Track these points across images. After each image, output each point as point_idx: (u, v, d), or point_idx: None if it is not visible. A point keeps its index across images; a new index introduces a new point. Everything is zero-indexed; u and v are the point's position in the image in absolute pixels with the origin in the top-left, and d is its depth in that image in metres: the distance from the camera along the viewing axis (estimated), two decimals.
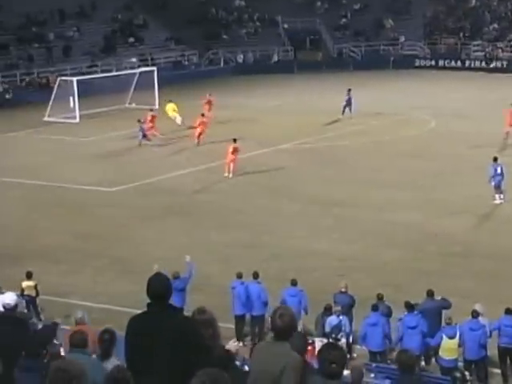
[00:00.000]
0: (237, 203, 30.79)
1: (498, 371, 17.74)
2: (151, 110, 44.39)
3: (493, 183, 29.71)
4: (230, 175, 34.23)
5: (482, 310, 17.71)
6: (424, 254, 24.88)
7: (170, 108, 45.02)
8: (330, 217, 28.63)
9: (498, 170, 29.69)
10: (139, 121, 40.63)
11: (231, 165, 34.33)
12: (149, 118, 42.40)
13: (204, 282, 21.24)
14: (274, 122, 44.05)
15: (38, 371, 7.55)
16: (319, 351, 6.70)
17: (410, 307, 17.89)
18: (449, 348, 17.22)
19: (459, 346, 17.24)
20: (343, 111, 45.71)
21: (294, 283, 19.22)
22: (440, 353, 17.32)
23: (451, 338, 17.06)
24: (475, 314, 17.40)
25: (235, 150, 34.38)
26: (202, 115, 41.21)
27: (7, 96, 55.20)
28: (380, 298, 18.63)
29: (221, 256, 24.42)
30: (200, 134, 40.04)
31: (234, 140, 35.17)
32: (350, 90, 46.32)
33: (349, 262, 24.23)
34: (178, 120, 44.49)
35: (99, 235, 27.07)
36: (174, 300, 8.16)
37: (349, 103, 45.67)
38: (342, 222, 28.10)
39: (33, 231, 27.92)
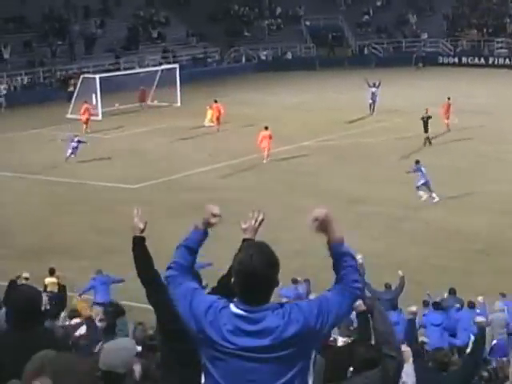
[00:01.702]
0: (259, 200, 30.76)
1: None
2: (86, 101, 44.81)
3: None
4: (265, 161, 35.88)
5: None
6: (446, 252, 24.82)
7: (209, 114, 44.73)
8: (352, 214, 28.56)
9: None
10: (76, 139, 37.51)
11: (265, 151, 35.82)
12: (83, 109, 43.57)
13: None
14: (296, 118, 44.02)
15: None
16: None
17: (434, 304, 17.90)
18: None
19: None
20: (372, 108, 45.49)
21: None
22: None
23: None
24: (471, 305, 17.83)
25: (267, 137, 35.97)
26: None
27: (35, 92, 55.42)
28: (388, 286, 19.11)
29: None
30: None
31: (266, 127, 36.49)
32: (375, 84, 46.16)
33: (371, 258, 23.99)
34: (206, 122, 44.51)
35: (121, 232, 27.02)
36: None
37: (373, 100, 45.49)
38: (364, 218, 28.06)
39: (56, 228, 28.07)
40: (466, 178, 33.11)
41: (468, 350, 15.03)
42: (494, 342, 17.39)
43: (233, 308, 4.58)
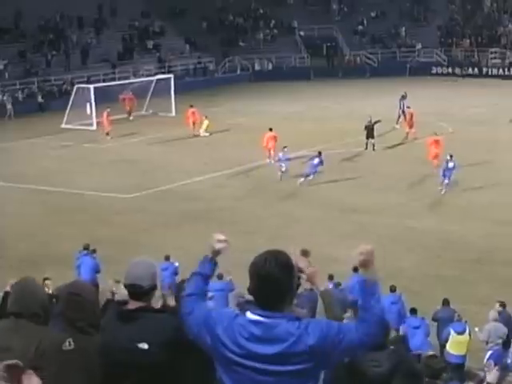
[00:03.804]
0: (255, 209, 30.87)
1: None
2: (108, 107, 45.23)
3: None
4: (272, 161, 36.93)
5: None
6: (441, 261, 24.88)
7: (205, 124, 44.90)
8: (348, 223, 28.65)
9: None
10: None
11: (271, 151, 37.23)
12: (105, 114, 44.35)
13: None
14: (291, 128, 44.05)
15: None
16: None
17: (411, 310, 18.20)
18: (457, 343, 17.23)
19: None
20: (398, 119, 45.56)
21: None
22: (448, 348, 17.32)
23: (460, 333, 17.10)
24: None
25: (272, 138, 37.39)
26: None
27: (31, 102, 55.44)
28: (393, 290, 19.08)
29: (237, 261, 24.39)
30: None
31: (270, 129, 37.86)
32: (402, 95, 46.34)
33: None
34: (202, 132, 44.66)
35: (117, 241, 27.16)
36: None
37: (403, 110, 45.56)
38: (360, 228, 28.09)
39: (52, 237, 28.05)
40: (461, 187, 33.19)
41: None
42: (490, 351, 17.40)
43: (249, 314, 4.63)
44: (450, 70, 69.52)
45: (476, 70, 68.65)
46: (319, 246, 26.32)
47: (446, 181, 32.06)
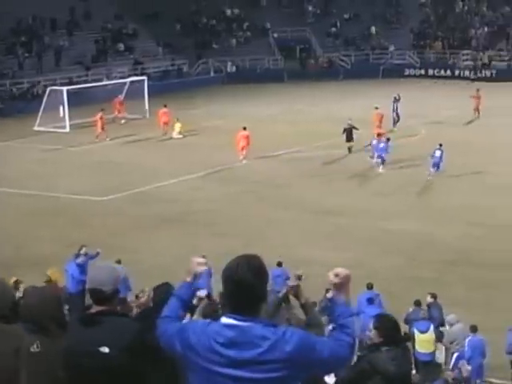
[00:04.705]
0: (231, 212, 30.84)
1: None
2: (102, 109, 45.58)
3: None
4: (244, 161, 37.69)
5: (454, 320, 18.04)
6: (418, 262, 24.98)
7: (178, 127, 44.86)
8: (323, 225, 28.70)
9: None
10: None
11: (244, 151, 37.67)
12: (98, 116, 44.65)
13: None
14: (266, 130, 44.09)
15: None
16: None
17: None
18: (422, 342, 17.35)
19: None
20: (394, 122, 45.62)
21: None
22: (416, 347, 17.45)
23: (423, 332, 17.21)
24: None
25: (245, 137, 37.73)
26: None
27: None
28: (369, 287, 19.45)
29: (213, 265, 24.36)
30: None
31: (244, 128, 38.18)
32: (395, 97, 46.33)
33: None
34: (175, 134, 44.61)
35: (92, 244, 26.96)
36: None
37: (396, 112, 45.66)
38: (335, 230, 28.16)
39: (26, 241, 27.84)
40: (436, 189, 33.40)
41: None
42: (457, 353, 17.51)
43: (223, 319, 4.59)
44: (422, 71, 69.89)
45: (448, 71, 69.10)
46: (295, 247, 26.41)
47: (432, 169, 34.24)
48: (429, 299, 19.07)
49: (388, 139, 37.31)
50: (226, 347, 4.52)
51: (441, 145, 34.78)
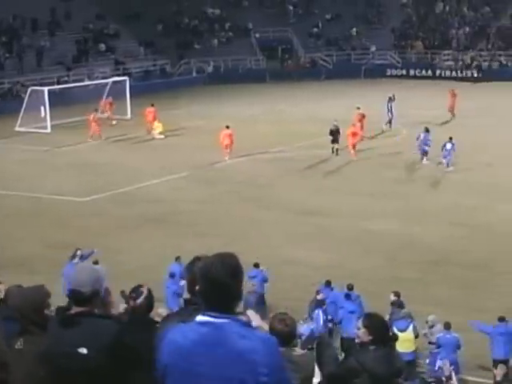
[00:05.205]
0: (213, 212, 30.83)
1: None
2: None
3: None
4: (228, 159, 38.01)
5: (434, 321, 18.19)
6: (399, 263, 25.05)
7: (158, 127, 44.91)
8: (305, 225, 28.74)
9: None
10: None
11: (228, 149, 37.94)
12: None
13: None
14: (248, 130, 44.12)
15: None
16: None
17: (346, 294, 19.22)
18: (403, 341, 17.39)
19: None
20: (390, 122, 45.70)
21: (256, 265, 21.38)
22: (396, 347, 17.47)
23: (402, 331, 17.29)
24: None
25: (228, 136, 38.03)
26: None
27: None
28: (350, 288, 19.63)
29: None
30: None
31: (227, 126, 38.40)
32: (390, 98, 46.43)
33: (323, 270, 24.26)
34: (156, 135, 44.65)
35: (74, 245, 26.89)
36: None
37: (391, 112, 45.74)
38: (317, 230, 28.21)
39: (7, 241, 27.71)
40: (417, 189, 33.51)
41: None
42: (439, 354, 17.60)
43: (199, 317, 4.60)
44: (404, 72, 70.08)
45: (430, 72, 69.36)
46: (277, 248, 26.45)
47: (444, 160, 36.17)
48: (392, 297, 19.22)
49: (427, 130, 38.16)
50: (199, 344, 4.52)
51: (451, 138, 36.33)
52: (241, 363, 4.45)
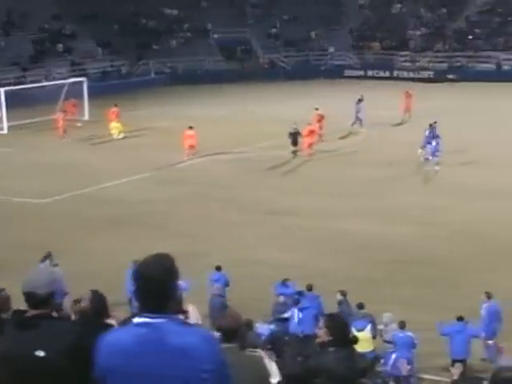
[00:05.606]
0: (177, 213, 30.60)
1: None
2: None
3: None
4: (188, 160, 38.04)
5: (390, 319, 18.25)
6: (367, 262, 24.97)
7: (116, 127, 44.66)
8: (272, 226, 28.63)
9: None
10: None
11: (191, 149, 38.16)
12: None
13: None
14: (210, 131, 43.90)
15: None
16: None
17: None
18: (360, 341, 17.36)
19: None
20: (355, 122, 45.63)
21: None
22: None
23: (359, 330, 17.31)
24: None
25: (191, 136, 38.21)
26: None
27: None
28: (309, 289, 19.70)
29: None
30: None
31: (190, 127, 38.43)
32: (359, 99, 46.45)
33: (291, 270, 24.13)
34: (115, 135, 44.47)
35: (34, 247, 26.51)
36: None
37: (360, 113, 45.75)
38: (284, 230, 28.09)
39: None
40: (383, 189, 33.52)
41: None
42: (396, 353, 17.59)
43: (135, 319, 4.60)
44: (362, 72, 70.48)
45: (387, 72, 69.80)
46: (245, 248, 26.31)
47: (431, 157, 36.65)
48: (338, 297, 19.34)
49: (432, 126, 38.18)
50: (137, 345, 4.51)
51: (438, 136, 37.01)
52: (181, 361, 4.44)
